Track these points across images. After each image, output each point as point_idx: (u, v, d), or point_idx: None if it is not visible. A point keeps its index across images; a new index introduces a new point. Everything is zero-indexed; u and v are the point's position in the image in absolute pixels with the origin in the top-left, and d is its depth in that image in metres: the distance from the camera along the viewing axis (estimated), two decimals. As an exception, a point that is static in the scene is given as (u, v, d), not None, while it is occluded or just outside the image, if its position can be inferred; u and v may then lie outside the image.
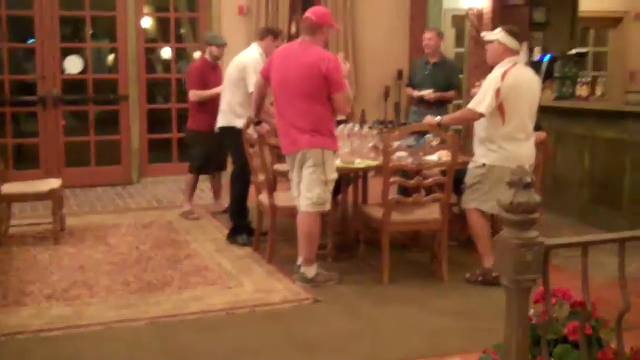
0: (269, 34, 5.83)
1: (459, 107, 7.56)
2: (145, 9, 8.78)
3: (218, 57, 6.51)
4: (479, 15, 7.88)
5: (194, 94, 6.46)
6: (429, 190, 5.08)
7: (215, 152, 6.47)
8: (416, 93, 6.74)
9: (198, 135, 6.44)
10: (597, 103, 6.59)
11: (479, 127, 4.71)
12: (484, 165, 4.65)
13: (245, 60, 5.66)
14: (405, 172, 5.04)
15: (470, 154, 4.89)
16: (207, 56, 6.57)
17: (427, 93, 6.57)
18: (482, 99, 4.57)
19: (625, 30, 10.14)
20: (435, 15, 9.15)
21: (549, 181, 6.37)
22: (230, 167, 6.39)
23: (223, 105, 5.85)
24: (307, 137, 4.50)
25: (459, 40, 9.89)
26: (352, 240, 5.53)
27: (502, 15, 7.69)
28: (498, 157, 4.59)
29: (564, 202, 6.51)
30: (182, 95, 8.96)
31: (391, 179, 4.68)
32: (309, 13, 4.60)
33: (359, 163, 5.01)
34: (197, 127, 6.47)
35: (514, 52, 4.65)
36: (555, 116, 6.53)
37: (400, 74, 9.31)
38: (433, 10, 9.14)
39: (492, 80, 4.56)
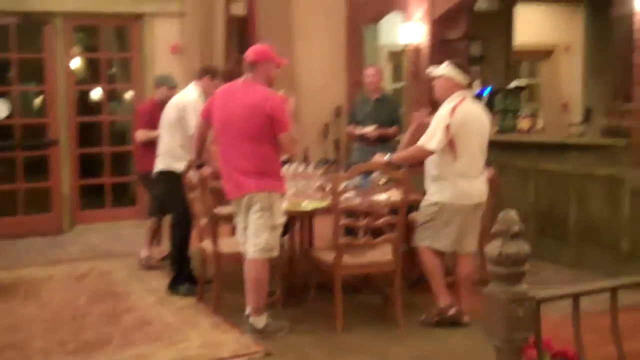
0: (207, 73, 5.64)
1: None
2: (75, 50, 8.48)
3: (168, 98, 6.24)
4: (417, 50, 7.85)
5: (142, 134, 6.21)
6: (377, 230, 4.93)
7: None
8: (358, 130, 6.63)
9: (148, 177, 6.04)
10: (540, 135, 6.60)
11: (430, 165, 4.60)
12: (436, 203, 4.53)
13: (185, 101, 5.44)
14: (351, 213, 4.88)
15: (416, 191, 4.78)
16: (156, 97, 6.35)
17: (370, 130, 6.47)
18: (431, 135, 4.46)
19: (556, 63, 10.33)
20: (372, 51, 9.11)
21: (491, 214, 6.32)
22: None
23: (161, 148, 5.60)
24: (252, 181, 4.30)
25: (396, 75, 9.90)
26: (301, 285, 5.31)
27: (440, 50, 7.68)
28: (451, 195, 4.48)
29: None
30: (116, 138, 8.74)
31: (341, 221, 4.50)
32: (248, 51, 4.44)
33: (307, 205, 4.83)
34: (144, 169, 6.10)
35: (462, 87, 4.58)
36: (497, 150, 6.49)
37: (338, 110, 9.23)
38: (370, 46, 9.10)
39: (441, 116, 4.46)
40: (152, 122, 6.04)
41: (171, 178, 5.33)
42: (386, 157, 4.75)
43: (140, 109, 6.46)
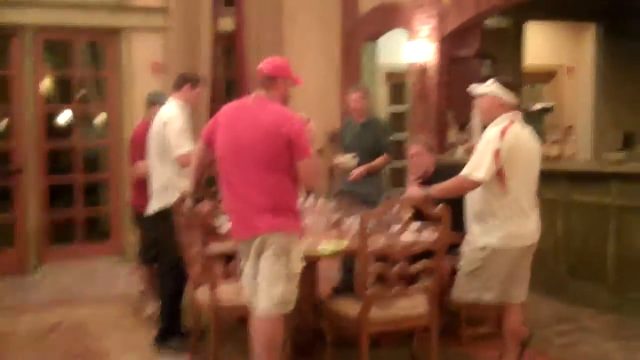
0: (186, 81, 4.82)
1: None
2: (45, 67, 7.66)
3: None
4: (423, 70, 7.17)
5: (142, 166, 5.08)
6: (408, 278, 4.19)
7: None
8: (336, 160, 5.92)
9: (143, 216, 5.07)
10: (572, 163, 5.94)
11: (473, 200, 3.89)
12: (484, 247, 3.81)
13: (165, 118, 4.65)
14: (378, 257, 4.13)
15: None
16: (150, 119, 5.41)
17: (345, 161, 5.73)
18: (478, 163, 3.75)
19: (559, 85, 9.75)
20: (370, 71, 8.42)
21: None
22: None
23: (154, 183, 4.76)
24: (267, 219, 3.53)
25: (396, 97, 9.22)
26: (312, 339, 4.53)
27: (450, 69, 7.01)
28: (502, 236, 3.76)
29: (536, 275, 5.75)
30: (88, 166, 7.92)
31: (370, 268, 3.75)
32: (262, 64, 3.70)
33: (325, 248, 4.05)
34: (142, 205, 5.04)
35: (511, 107, 3.88)
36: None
37: (334, 135, 8.48)
38: (367, 66, 8.41)
39: (489, 140, 3.76)
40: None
41: (169, 217, 4.45)
42: (423, 191, 4.02)
43: (136, 134, 5.48)
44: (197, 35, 7.77)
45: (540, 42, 8.94)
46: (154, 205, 4.76)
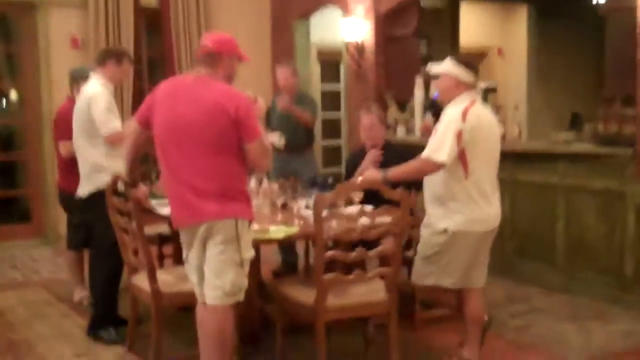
0: (110, 56, 4.45)
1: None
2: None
3: None
4: (360, 48, 6.95)
5: (67, 147, 4.73)
6: (361, 264, 3.98)
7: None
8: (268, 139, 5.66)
9: (73, 200, 4.66)
10: (519, 143, 5.84)
11: (434, 182, 3.68)
12: (445, 230, 3.61)
13: (88, 96, 4.29)
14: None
15: None
16: (76, 95, 4.93)
17: (280, 144, 5.39)
18: (439, 145, 3.54)
19: (491, 66, 9.72)
20: (303, 50, 8.13)
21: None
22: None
23: (83, 166, 4.39)
24: (213, 205, 3.22)
25: (327, 76, 8.99)
26: (259, 327, 4.26)
27: (386, 48, 6.81)
28: (464, 220, 3.57)
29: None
30: (3, 144, 7.39)
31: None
32: (206, 39, 3.37)
33: (276, 232, 3.77)
34: (70, 189, 4.66)
35: (469, 87, 3.69)
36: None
37: (267, 115, 8.18)
38: (299, 45, 8.11)
39: (450, 121, 3.55)
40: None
41: (102, 200, 4.09)
42: (380, 174, 3.79)
43: (60, 112, 5.01)
44: (118, 11, 7.32)
45: (474, 23, 8.87)
46: (84, 188, 4.39)
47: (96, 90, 4.28)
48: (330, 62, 8.88)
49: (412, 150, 3.97)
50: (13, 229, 7.27)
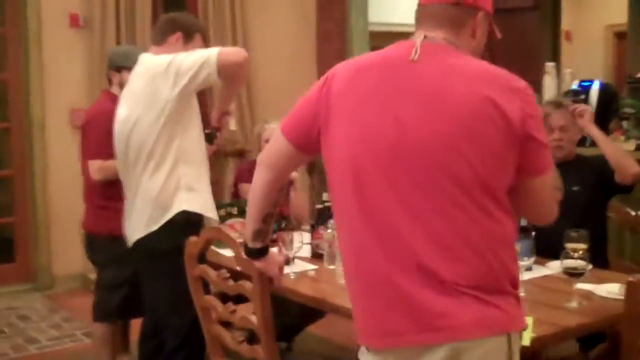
0: (175, 29, 2.83)
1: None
2: None
3: None
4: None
5: (100, 169, 3.25)
6: None
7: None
8: None
9: (111, 245, 3.19)
10: None
11: None
12: None
13: (150, 68, 2.70)
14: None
15: None
16: (115, 90, 3.35)
17: None
18: None
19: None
20: (359, 33, 6.46)
21: None
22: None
23: (144, 198, 2.73)
24: (467, 307, 1.55)
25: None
26: None
27: (496, 24, 5.21)
28: None
29: None
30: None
31: None
32: None
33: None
34: (106, 229, 3.23)
35: None
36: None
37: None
38: (357, 27, 6.44)
39: None
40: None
41: (173, 255, 2.52)
42: None
43: (94, 115, 3.41)
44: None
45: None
46: (136, 231, 2.77)
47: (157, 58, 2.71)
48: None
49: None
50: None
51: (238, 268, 2.61)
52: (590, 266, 2.33)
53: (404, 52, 1.66)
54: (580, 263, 2.33)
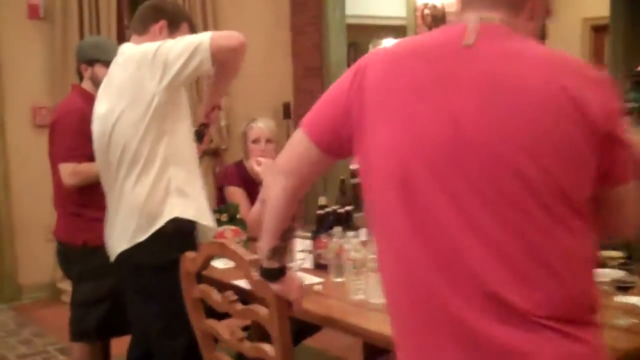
0: (159, 17, 2.49)
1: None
2: None
3: None
4: (439, 15, 5.12)
5: (73, 173, 2.88)
6: None
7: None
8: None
9: (87, 257, 2.89)
10: None
11: None
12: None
13: (133, 57, 2.37)
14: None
15: None
16: (86, 86, 3.03)
17: None
18: None
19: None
20: (336, 25, 6.18)
21: None
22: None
23: (129, 206, 2.38)
24: (546, 341, 1.27)
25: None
26: None
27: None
28: None
29: None
30: None
31: None
32: None
33: None
34: (81, 239, 2.92)
35: None
36: None
37: (287, 108, 6.25)
38: (333, 18, 6.16)
39: None
40: (90, 138, 2.70)
41: (163, 270, 2.24)
42: None
43: (62, 114, 3.02)
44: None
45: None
46: (121, 242, 2.42)
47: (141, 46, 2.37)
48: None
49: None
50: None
51: (235, 282, 2.35)
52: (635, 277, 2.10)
53: (455, 36, 1.38)
54: (620, 273, 2.11)
